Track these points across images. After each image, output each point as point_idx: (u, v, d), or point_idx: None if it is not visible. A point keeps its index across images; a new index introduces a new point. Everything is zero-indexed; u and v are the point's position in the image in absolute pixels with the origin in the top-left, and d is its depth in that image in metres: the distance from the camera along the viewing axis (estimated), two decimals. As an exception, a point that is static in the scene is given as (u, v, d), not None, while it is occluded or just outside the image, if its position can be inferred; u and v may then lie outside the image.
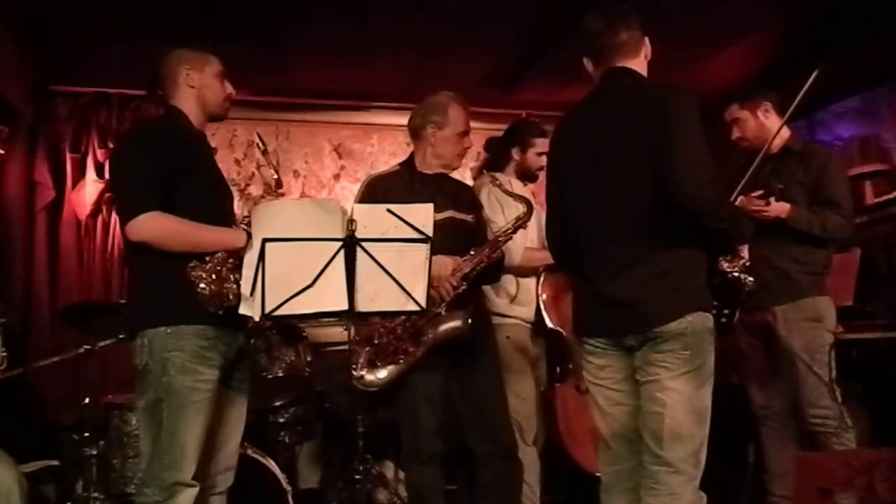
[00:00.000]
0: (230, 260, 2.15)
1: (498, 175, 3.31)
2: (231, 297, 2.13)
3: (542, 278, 3.39)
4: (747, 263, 2.41)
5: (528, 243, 3.26)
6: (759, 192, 2.92)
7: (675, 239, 2.07)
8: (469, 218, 2.96)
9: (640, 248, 2.08)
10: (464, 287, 2.76)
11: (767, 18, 4.03)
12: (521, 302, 3.28)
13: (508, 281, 3.24)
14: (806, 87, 2.74)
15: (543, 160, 3.36)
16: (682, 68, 4.15)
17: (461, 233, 2.90)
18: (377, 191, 2.89)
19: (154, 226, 2.16)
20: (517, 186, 3.28)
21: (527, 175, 3.42)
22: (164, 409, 2.16)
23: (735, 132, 3.15)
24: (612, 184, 2.13)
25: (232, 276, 2.14)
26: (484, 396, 2.88)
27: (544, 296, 3.38)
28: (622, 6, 2.24)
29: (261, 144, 2.47)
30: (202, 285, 2.11)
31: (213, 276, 2.12)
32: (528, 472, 3.13)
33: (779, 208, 2.91)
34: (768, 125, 3.08)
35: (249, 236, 2.16)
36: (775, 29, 4.19)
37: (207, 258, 2.14)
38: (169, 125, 2.35)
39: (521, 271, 3.26)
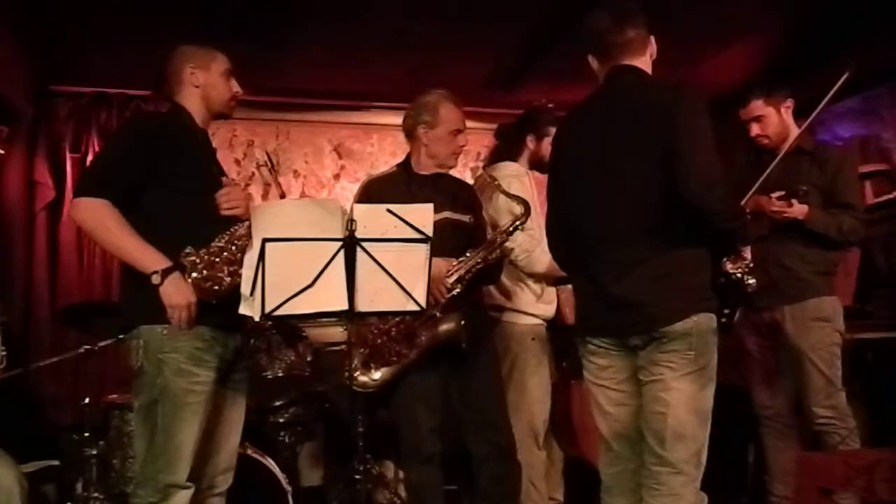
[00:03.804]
0: (224, 253, 2.13)
1: (502, 170, 3.24)
2: (221, 287, 2.11)
3: None
4: (750, 265, 2.41)
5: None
6: (781, 193, 2.90)
7: (680, 239, 2.07)
8: (466, 218, 2.95)
9: (646, 248, 2.08)
10: (458, 289, 2.76)
11: (769, 18, 4.03)
12: (546, 299, 3.21)
13: (534, 279, 3.17)
14: (835, 89, 2.72)
15: None
16: (683, 68, 4.15)
17: (458, 233, 2.88)
18: (372, 193, 2.88)
19: (91, 213, 2.12)
20: (532, 178, 3.20)
21: (540, 165, 3.24)
22: (159, 410, 2.14)
23: (755, 129, 3.06)
24: (617, 183, 2.12)
25: (225, 269, 2.12)
26: (482, 397, 2.88)
27: (563, 293, 3.34)
28: (628, 3, 2.22)
29: (268, 162, 2.48)
30: (194, 273, 2.10)
31: (206, 265, 2.11)
32: (536, 475, 3.11)
33: (799, 209, 2.91)
34: (789, 123, 3.05)
35: (170, 270, 2.10)
36: (777, 29, 4.19)
37: (204, 248, 2.12)
38: (169, 122, 2.32)
39: (549, 280, 3.16)
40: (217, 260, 2.12)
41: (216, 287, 2.11)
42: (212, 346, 2.21)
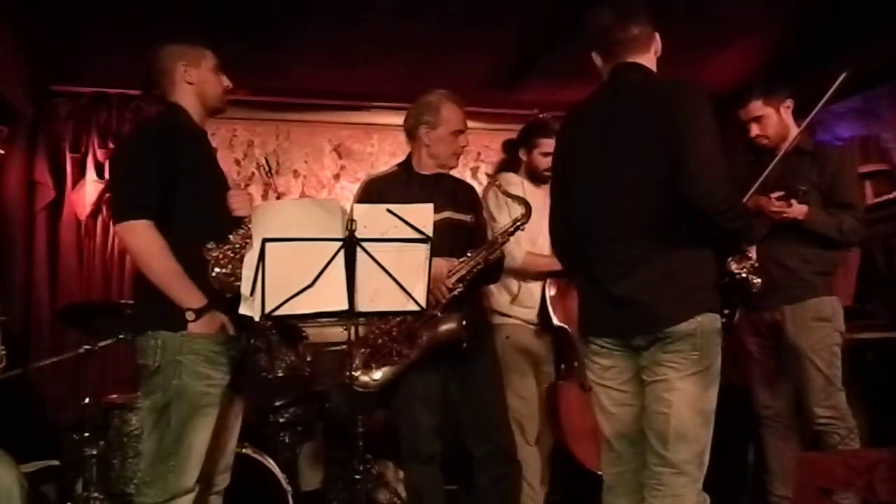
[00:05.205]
0: (241, 250, 2.14)
1: (503, 176, 3.29)
2: (240, 282, 2.11)
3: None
4: (755, 264, 2.40)
5: (534, 248, 3.23)
6: (780, 193, 2.90)
7: (684, 238, 2.05)
8: (467, 218, 2.95)
9: (649, 248, 2.06)
10: (460, 289, 2.76)
11: (769, 19, 4.03)
12: (522, 303, 3.26)
13: (510, 281, 3.23)
14: (833, 89, 2.71)
15: (549, 161, 3.34)
16: (683, 68, 4.15)
17: (459, 233, 2.88)
18: (373, 192, 2.88)
19: (141, 238, 2.15)
20: (529, 188, 3.25)
21: (535, 176, 3.33)
22: (173, 412, 2.15)
23: (754, 129, 3.05)
24: (621, 182, 2.10)
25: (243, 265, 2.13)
26: (482, 398, 2.88)
27: (550, 292, 3.36)
28: (631, 0, 2.21)
29: (266, 166, 2.50)
30: (217, 268, 2.12)
31: (229, 260, 2.13)
32: (530, 473, 3.13)
33: (798, 210, 2.90)
34: (788, 123, 3.05)
35: (206, 309, 2.16)
36: (776, 29, 4.19)
37: (224, 243, 2.14)
38: (171, 124, 2.33)
39: (525, 276, 3.24)
40: (235, 256, 2.14)
41: (237, 282, 2.12)
42: (227, 348, 2.23)
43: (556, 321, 3.38)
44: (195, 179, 2.25)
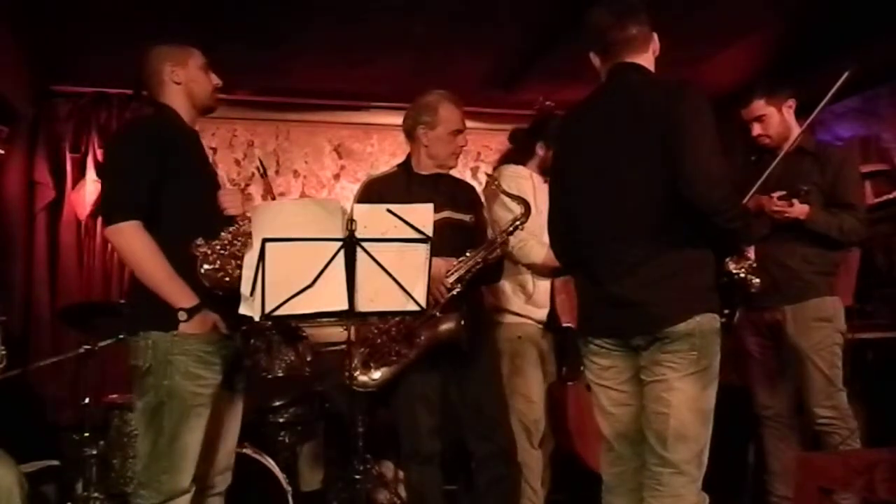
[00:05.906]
0: (231, 248, 2.14)
1: (507, 169, 3.25)
2: (231, 279, 2.12)
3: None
4: (754, 265, 2.40)
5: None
6: (782, 193, 2.90)
7: (683, 238, 2.06)
8: (467, 218, 2.95)
9: (649, 248, 2.07)
10: (458, 289, 2.76)
11: (769, 18, 4.03)
12: (536, 303, 3.22)
13: (526, 280, 3.18)
14: (835, 88, 2.72)
15: None
16: (684, 67, 4.15)
17: (458, 233, 2.88)
18: (373, 193, 2.88)
19: (131, 240, 2.15)
20: (538, 182, 3.22)
21: (548, 172, 3.30)
22: (166, 412, 2.15)
23: (756, 129, 3.05)
24: (620, 182, 2.10)
25: (233, 262, 2.13)
26: (482, 398, 2.88)
27: (558, 292, 3.34)
28: (630, 0, 2.20)
29: (261, 168, 2.50)
30: (206, 265, 2.11)
31: (218, 257, 2.12)
32: (532, 476, 3.11)
33: (800, 209, 2.90)
34: (791, 122, 3.04)
35: (197, 309, 2.15)
36: (777, 29, 4.19)
37: (217, 239, 2.14)
38: (161, 124, 2.33)
39: (544, 270, 3.21)
40: (225, 253, 2.14)
41: (227, 279, 2.12)
42: (219, 348, 2.23)
43: (564, 322, 3.34)
44: (185, 179, 2.24)
